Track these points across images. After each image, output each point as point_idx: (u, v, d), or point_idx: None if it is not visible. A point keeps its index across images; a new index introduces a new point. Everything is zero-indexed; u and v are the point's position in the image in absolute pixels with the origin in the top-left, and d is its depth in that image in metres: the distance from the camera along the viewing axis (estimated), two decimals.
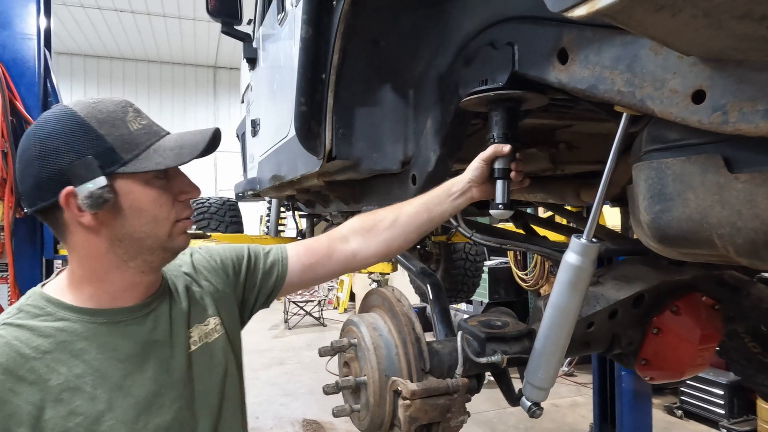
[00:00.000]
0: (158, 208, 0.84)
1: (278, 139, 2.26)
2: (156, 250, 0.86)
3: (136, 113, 0.85)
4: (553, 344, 1.03)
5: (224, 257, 1.08)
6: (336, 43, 1.33)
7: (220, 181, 14.09)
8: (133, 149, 0.81)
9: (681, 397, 4.62)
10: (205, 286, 1.02)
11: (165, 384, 0.87)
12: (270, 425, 4.62)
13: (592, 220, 0.95)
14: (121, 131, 0.81)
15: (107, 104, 0.83)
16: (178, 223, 0.87)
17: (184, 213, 0.89)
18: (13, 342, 0.77)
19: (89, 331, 0.82)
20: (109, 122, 0.81)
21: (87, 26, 11.72)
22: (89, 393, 0.79)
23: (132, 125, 0.83)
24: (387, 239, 1.13)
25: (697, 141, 0.74)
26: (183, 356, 0.91)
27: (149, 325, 0.88)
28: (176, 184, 0.88)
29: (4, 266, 2.44)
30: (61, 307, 0.83)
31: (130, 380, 0.83)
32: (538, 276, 5.54)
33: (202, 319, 0.97)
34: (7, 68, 2.40)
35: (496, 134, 1.10)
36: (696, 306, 1.27)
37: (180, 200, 0.88)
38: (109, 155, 0.79)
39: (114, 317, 0.85)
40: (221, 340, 0.99)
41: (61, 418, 0.76)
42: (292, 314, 8.59)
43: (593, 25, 0.81)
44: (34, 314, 0.82)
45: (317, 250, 1.13)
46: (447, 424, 1.02)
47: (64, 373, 0.78)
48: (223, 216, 4.14)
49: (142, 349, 0.86)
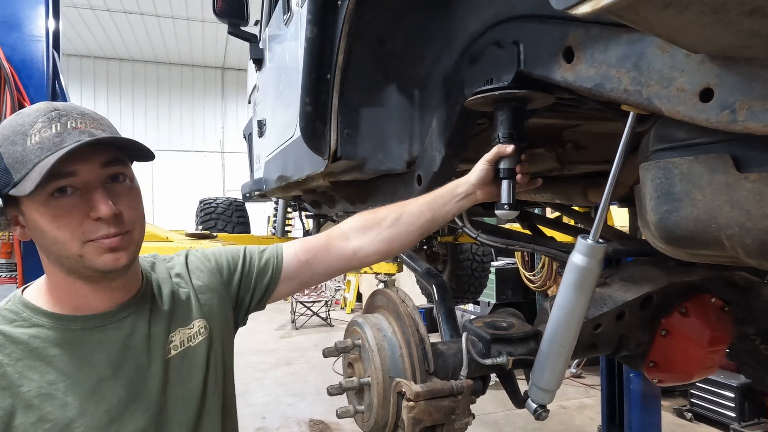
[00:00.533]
0: (56, 230, 0.77)
1: (284, 140, 2.27)
2: (79, 268, 0.80)
3: (48, 121, 0.77)
4: (559, 346, 1.01)
5: (219, 258, 1.06)
6: (341, 43, 1.33)
7: (227, 182, 14.16)
8: (21, 169, 0.75)
9: (691, 400, 4.57)
10: (196, 286, 1.00)
11: (139, 390, 0.86)
12: (277, 425, 4.63)
13: (599, 220, 0.94)
14: (16, 149, 0.76)
15: (24, 115, 0.78)
16: (88, 243, 0.79)
17: (97, 233, 0.79)
18: None
19: (62, 337, 0.82)
20: (10, 139, 0.76)
21: (96, 28, 11.82)
22: (60, 399, 0.78)
23: (31, 139, 0.76)
24: (388, 238, 1.11)
25: (705, 140, 0.73)
26: (160, 362, 0.89)
27: (126, 330, 0.87)
28: (89, 201, 0.79)
29: (13, 266, 2.47)
30: (36, 313, 0.83)
31: (103, 386, 0.82)
32: (545, 277, 5.51)
33: (186, 323, 0.95)
34: (17, 70, 2.42)
35: (501, 134, 1.09)
36: (705, 308, 1.25)
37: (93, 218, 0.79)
38: (4, 176, 0.76)
39: (89, 323, 0.84)
40: (205, 344, 0.96)
41: (31, 424, 0.76)
42: (299, 314, 8.60)
43: (599, 23, 0.80)
44: (10, 319, 0.82)
45: (314, 246, 1.11)
46: (451, 425, 1.01)
47: (36, 380, 0.78)
48: (230, 216, 4.16)
49: (118, 354, 0.85)
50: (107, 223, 0.79)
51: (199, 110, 14.64)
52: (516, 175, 1.10)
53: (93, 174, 0.79)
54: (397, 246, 1.13)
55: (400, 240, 1.12)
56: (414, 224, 1.11)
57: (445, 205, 1.13)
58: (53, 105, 0.80)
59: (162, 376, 0.89)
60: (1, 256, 2.45)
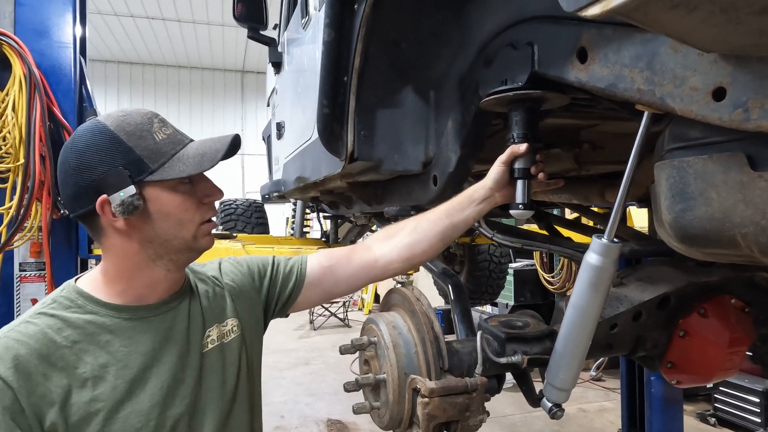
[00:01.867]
0: (183, 212, 0.90)
1: (302, 142, 2.30)
2: (182, 250, 0.92)
3: (161, 123, 0.91)
4: (574, 345, 1.02)
5: (250, 264, 1.14)
6: (357, 45, 1.35)
7: (247, 184, 14.34)
8: (158, 158, 0.87)
9: (714, 404, 4.48)
10: (229, 288, 1.06)
11: (179, 379, 0.92)
12: (295, 424, 4.67)
13: (613, 219, 0.94)
14: (148, 142, 0.87)
15: (135, 117, 0.89)
16: (202, 225, 0.93)
17: (208, 215, 0.94)
18: (47, 330, 0.84)
19: (115, 324, 0.88)
20: (136, 134, 0.87)
21: (120, 34, 12.10)
22: (111, 382, 0.85)
23: (157, 136, 0.89)
24: (408, 244, 1.14)
25: (719, 139, 0.73)
26: (197, 354, 0.96)
27: (169, 322, 0.94)
28: (200, 188, 0.93)
29: (42, 265, 2.55)
30: (90, 301, 0.89)
31: (148, 373, 0.89)
32: (564, 279, 5.44)
33: (221, 320, 1.02)
34: (45, 75, 2.50)
35: (516, 134, 1.10)
36: (725, 308, 1.24)
37: (204, 203, 0.93)
38: (138, 165, 0.86)
39: (137, 313, 0.91)
40: (237, 341, 1.03)
41: (85, 403, 0.82)
42: (318, 315, 8.67)
43: (612, 23, 0.81)
44: (66, 305, 0.88)
45: (337, 254, 1.17)
46: (466, 422, 1.02)
47: (90, 362, 0.85)
48: (249, 217, 4.22)
49: (161, 343, 0.92)
50: (213, 208, 0.96)
51: (220, 113, 14.86)
52: (531, 175, 1.11)
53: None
54: (418, 252, 1.15)
55: (421, 246, 1.14)
56: (432, 230, 1.14)
57: (464, 210, 1.14)
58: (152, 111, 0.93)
59: (198, 368, 0.95)
60: (31, 256, 2.54)
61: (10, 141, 2.35)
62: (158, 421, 0.87)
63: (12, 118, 2.35)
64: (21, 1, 2.52)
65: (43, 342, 0.82)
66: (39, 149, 2.37)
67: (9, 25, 2.50)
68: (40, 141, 2.38)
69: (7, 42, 2.39)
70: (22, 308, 2.55)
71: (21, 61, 2.38)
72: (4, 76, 2.41)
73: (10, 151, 2.37)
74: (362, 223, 3.37)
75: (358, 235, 3.68)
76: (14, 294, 2.54)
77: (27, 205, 2.37)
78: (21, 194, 2.36)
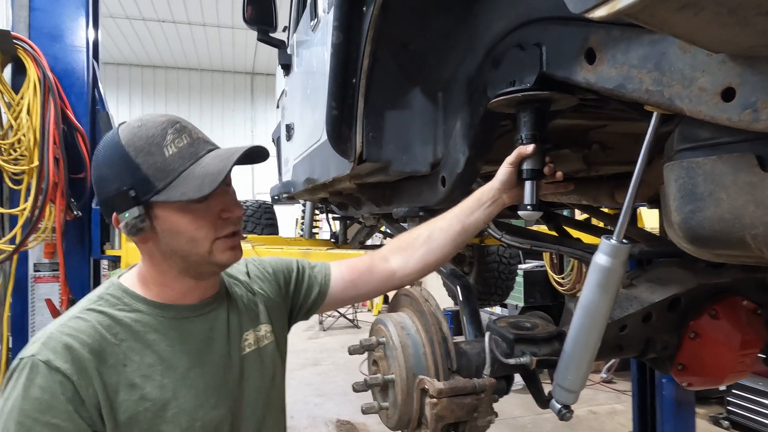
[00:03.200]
0: (195, 230, 0.86)
1: (311, 143, 2.31)
2: (202, 264, 0.89)
3: (176, 133, 0.85)
4: (583, 346, 1.01)
5: (276, 268, 1.14)
6: (366, 47, 1.36)
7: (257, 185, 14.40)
8: (165, 177, 0.83)
9: (728, 408, 4.42)
10: (258, 294, 1.07)
11: (220, 381, 0.92)
12: (305, 425, 4.69)
13: (623, 220, 0.94)
14: (156, 158, 0.83)
15: (149, 127, 0.85)
16: (218, 241, 0.88)
17: (225, 230, 0.89)
18: (98, 327, 0.84)
19: (159, 323, 0.89)
20: (145, 150, 0.83)
21: (132, 37, 12.23)
22: (158, 381, 0.85)
23: (168, 150, 0.84)
24: (423, 255, 1.16)
25: (729, 139, 0.73)
26: (237, 357, 0.96)
27: (209, 323, 0.94)
28: (217, 202, 0.88)
29: (56, 265, 2.58)
30: (136, 299, 0.89)
31: (192, 373, 0.88)
32: (574, 280, 5.40)
33: (255, 325, 1.02)
34: (59, 79, 2.54)
35: (524, 135, 1.10)
36: (736, 310, 1.23)
37: (222, 218, 0.89)
38: (144, 185, 0.83)
39: (180, 313, 0.91)
40: (271, 347, 1.04)
41: (133, 402, 0.82)
42: (327, 316, 8.68)
43: (620, 24, 0.81)
44: (112, 303, 0.88)
45: (359, 267, 1.18)
46: (474, 423, 1.03)
47: (137, 361, 0.84)
48: (259, 219, 4.24)
49: (204, 344, 0.92)
50: (233, 223, 0.90)
51: (229, 115, 14.94)
52: (539, 176, 1.11)
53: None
54: (432, 261, 1.17)
55: (435, 255, 1.17)
56: (446, 238, 1.15)
57: (473, 213, 1.15)
58: (172, 117, 0.88)
59: (239, 370, 0.96)
60: (45, 256, 2.58)
61: (25, 143, 2.39)
62: (203, 422, 0.87)
63: (27, 121, 2.39)
64: (36, 5, 2.56)
65: (94, 338, 0.82)
66: (53, 152, 2.41)
67: (24, 30, 2.54)
68: (54, 143, 2.42)
69: (22, 46, 2.43)
70: (36, 308, 2.59)
71: (35, 65, 2.42)
72: (19, 79, 2.46)
73: (24, 153, 2.41)
74: (371, 224, 3.38)
75: (367, 236, 3.68)
76: (29, 294, 2.58)
77: (41, 207, 2.41)
78: (35, 196, 2.40)
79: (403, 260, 1.17)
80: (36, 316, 2.58)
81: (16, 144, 2.42)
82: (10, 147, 2.43)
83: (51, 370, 0.77)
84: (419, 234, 1.18)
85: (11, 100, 2.43)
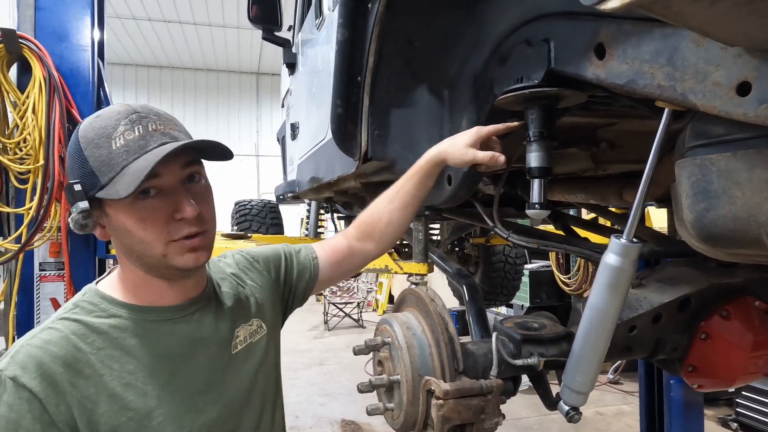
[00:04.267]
0: (142, 231, 0.79)
1: (316, 142, 2.30)
2: (160, 267, 0.83)
3: (130, 124, 0.79)
4: (592, 347, 1.00)
5: (264, 258, 1.12)
6: (371, 45, 1.35)
7: (262, 185, 14.44)
8: (108, 172, 0.77)
9: (737, 409, 4.38)
10: (249, 286, 1.04)
11: (210, 382, 0.88)
12: (309, 424, 4.69)
13: (632, 219, 0.92)
14: (102, 152, 0.78)
15: (104, 118, 0.80)
16: (172, 243, 0.81)
17: (180, 233, 0.81)
18: (71, 336, 0.79)
19: (139, 327, 0.84)
20: (94, 142, 0.78)
21: (138, 37, 12.29)
22: (140, 389, 0.80)
23: (116, 142, 0.77)
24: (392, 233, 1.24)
25: (744, 135, 0.71)
26: (227, 355, 0.93)
27: (195, 324, 0.90)
28: (168, 201, 0.81)
29: (61, 265, 2.59)
30: (113, 304, 0.85)
31: (177, 378, 0.85)
32: (581, 280, 5.38)
33: (246, 320, 0.99)
34: (65, 78, 2.55)
35: (532, 133, 1.09)
36: (748, 310, 1.20)
37: (175, 219, 0.81)
38: (90, 179, 0.78)
39: (162, 315, 0.87)
40: (264, 340, 1.01)
41: (115, 413, 0.78)
42: (332, 315, 8.69)
43: (631, 18, 0.79)
44: (88, 310, 0.84)
45: (341, 249, 1.22)
46: (481, 425, 1.01)
47: (117, 369, 0.80)
48: (264, 218, 4.24)
49: (189, 347, 0.88)
50: (190, 224, 0.82)
51: (235, 115, 15.00)
52: (546, 174, 1.09)
53: (175, 175, 0.81)
54: (399, 234, 1.26)
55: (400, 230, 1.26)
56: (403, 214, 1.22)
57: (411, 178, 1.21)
58: (132, 107, 0.82)
59: (229, 370, 0.92)
60: (51, 255, 2.58)
61: (30, 143, 2.40)
62: (191, 429, 0.83)
63: (32, 120, 2.39)
64: (41, 5, 2.57)
65: (67, 349, 0.77)
66: (58, 151, 2.42)
67: (29, 29, 2.55)
68: (59, 143, 2.42)
69: (28, 45, 2.43)
70: (41, 307, 2.59)
71: (41, 64, 2.42)
72: (25, 78, 2.46)
73: (30, 152, 2.41)
74: None
75: None
76: (34, 293, 2.59)
77: (46, 206, 2.42)
78: (41, 195, 2.40)
79: (374, 243, 1.24)
80: (41, 315, 2.59)
81: (21, 143, 2.42)
82: (15, 146, 2.43)
83: (18, 387, 0.73)
84: (380, 217, 1.22)
85: (17, 100, 2.43)
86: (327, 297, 8.79)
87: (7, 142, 2.43)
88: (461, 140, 1.12)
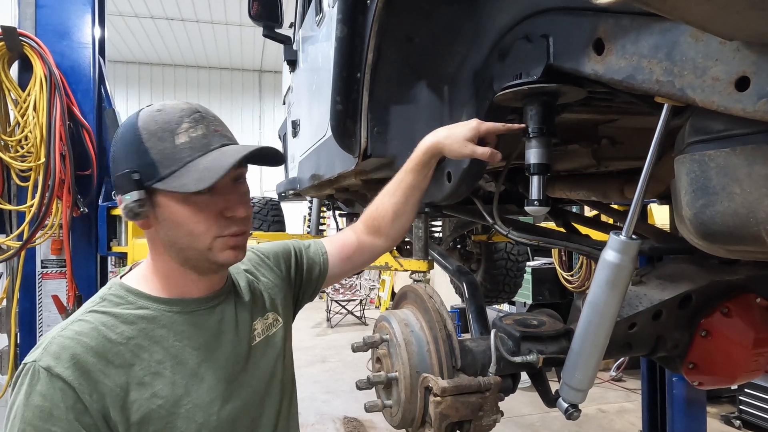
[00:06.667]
0: (194, 224, 0.83)
1: (317, 139, 2.30)
2: (200, 260, 0.87)
3: (193, 123, 0.84)
4: (591, 344, 0.99)
5: (274, 254, 1.14)
6: (371, 41, 1.34)
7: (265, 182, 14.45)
8: (171, 165, 0.81)
9: (739, 407, 4.37)
10: (263, 282, 1.07)
11: (233, 372, 0.91)
12: (312, 421, 4.70)
13: (632, 215, 0.91)
14: (165, 145, 0.81)
15: (167, 113, 0.84)
16: (218, 239, 0.85)
17: (228, 230, 0.86)
18: (101, 327, 0.82)
19: (166, 319, 0.87)
20: (157, 135, 0.82)
21: (141, 35, 12.30)
22: (169, 378, 0.83)
23: (180, 138, 0.82)
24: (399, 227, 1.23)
25: (743, 131, 0.70)
26: (247, 348, 0.95)
27: (217, 316, 0.93)
28: (222, 199, 0.85)
29: (63, 262, 2.60)
30: (140, 297, 0.88)
31: (203, 367, 0.87)
32: (584, 277, 5.36)
33: (262, 313, 1.02)
34: (66, 76, 2.55)
35: (531, 129, 1.08)
36: (749, 308, 1.20)
37: (225, 216, 0.86)
38: (150, 169, 0.81)
39: (187, 307, 0.90)
40: (280, 333, 1.04)
41: (145, 400, 0.80)
42: (335, 313, 8.70)
43: (630, 13, 0.78)
44: (116, 303, 0.86)
45: (350, 244, 1.22)
46: (479, 422, 1.01)
47: (146, 359, 0.83)
48: (266, 215, 4.25)
49: (213, 338, 0.91)
50: (237, 223, 0.87)
51: (238, 112, 14.99)
52: (546, 170, 1.08)
53: (229, 175, 0.84)
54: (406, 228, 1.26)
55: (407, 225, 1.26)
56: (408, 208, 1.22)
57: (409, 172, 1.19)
58: (193, 106, 0.86)
59: (251, 361, 0.95)
60: (52, 253, 2.59)
61: (32, 140, 2.40)
62: (219, 417, 0.86)
63: (33, 117, 2.40)
64: (42, 2, 2.57)
65: (98, 339, 0.80)
66: (59, 148, 2.42)
67: (30, 27, 2.55)
68: (60, 140, 2.42)
69: (29, 43, 2.44)
70: (43, 304, 2.60)
71: (42, 62, 2.43)
72: (26, 76, 2.46)
73: (31, 150, 2.42)
74: None
75: None
76: (36, 290, 2.60)
77: (48, 203, 2.42)
78: (42, 192, 2.41)
79: (383, 237, 1.24)
80: (43, 312, 2.60)
81: (23, 141, 2.43)
82: (17, 144, 2.44)
83: (52, 377, 0.76)
84: (385, 212, 1.21)
85: (18, 97, 2.44)
86: (330, 294, 8.81)
87: (9, 139, 2.44)
88: (460, 134, 1.11)
